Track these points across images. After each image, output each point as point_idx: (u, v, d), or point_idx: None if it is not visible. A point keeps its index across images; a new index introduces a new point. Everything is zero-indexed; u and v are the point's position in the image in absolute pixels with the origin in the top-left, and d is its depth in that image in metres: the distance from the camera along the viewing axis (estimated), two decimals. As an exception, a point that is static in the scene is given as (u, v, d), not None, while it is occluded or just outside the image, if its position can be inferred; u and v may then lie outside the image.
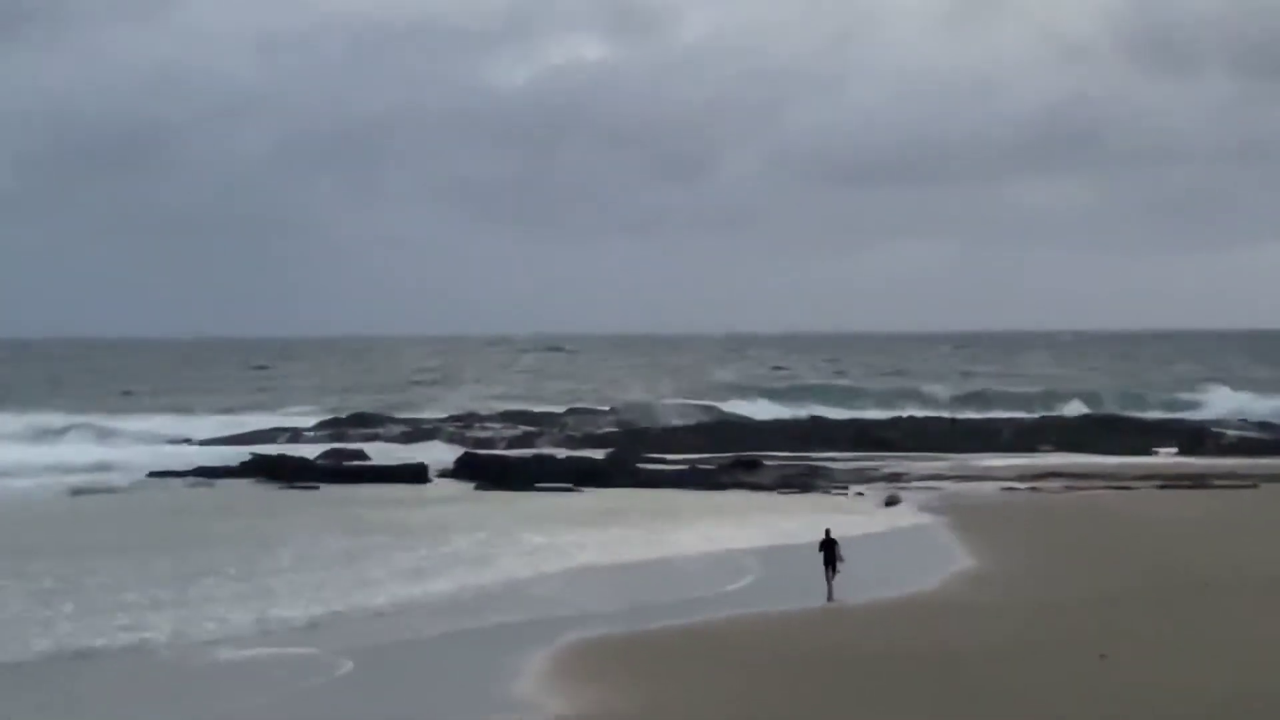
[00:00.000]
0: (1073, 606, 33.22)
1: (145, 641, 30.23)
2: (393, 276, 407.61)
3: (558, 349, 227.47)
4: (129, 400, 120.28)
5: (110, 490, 62.51)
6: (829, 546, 36.19)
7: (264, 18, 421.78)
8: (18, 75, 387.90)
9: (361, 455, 74.90)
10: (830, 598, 35.16)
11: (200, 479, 65.97)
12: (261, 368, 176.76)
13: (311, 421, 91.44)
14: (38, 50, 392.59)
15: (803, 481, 63.80)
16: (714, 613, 33.58)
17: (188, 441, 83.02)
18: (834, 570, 35.78)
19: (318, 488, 63.29)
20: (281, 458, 71.19)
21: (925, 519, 51.47)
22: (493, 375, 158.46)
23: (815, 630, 31.50)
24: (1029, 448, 79.50)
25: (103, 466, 68.90)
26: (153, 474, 67.21)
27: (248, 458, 70.56)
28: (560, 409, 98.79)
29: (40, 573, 38.66)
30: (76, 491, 61.32)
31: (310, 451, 75.31)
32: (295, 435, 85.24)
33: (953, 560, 41.61)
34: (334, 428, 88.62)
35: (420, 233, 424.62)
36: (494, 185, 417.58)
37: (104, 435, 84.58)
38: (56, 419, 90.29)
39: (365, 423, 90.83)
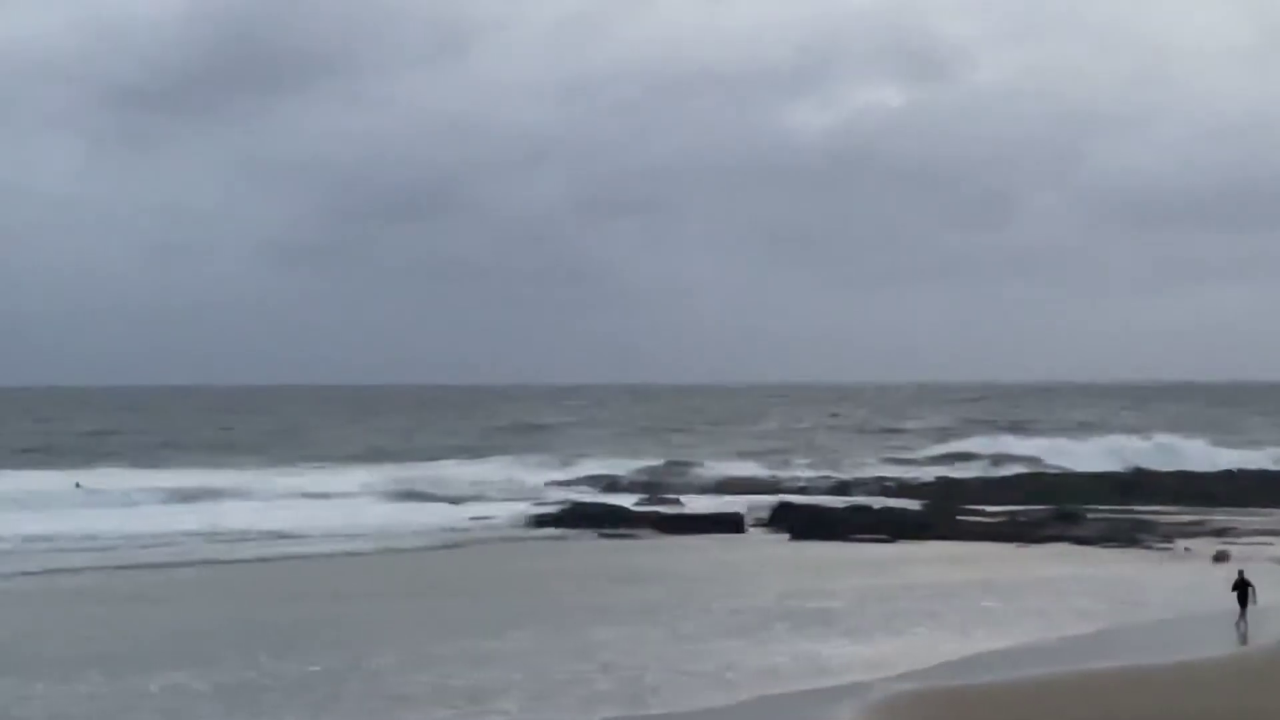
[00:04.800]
0: None
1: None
2: (687, 324, 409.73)
3: (874, 396, 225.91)
4: (444, 449, 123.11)
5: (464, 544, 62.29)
6: (1243, 588, 36.81)
7: (558, 65, 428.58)
8: (317, 127, 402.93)
9: (677, 504, 75.59)
10: (1244, 640, 35.20)
11: (518, 527, 67.06)
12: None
13: (626, 470, 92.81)
14: (336, 102, 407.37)
15: (1126, 535, 62.09)
16: (1047, 666, 32.47)
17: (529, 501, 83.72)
18: (1245, 612, 36.43)
19: (636, 536, 63.99)
20: (598, 506, 72.25)
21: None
22: (802, 422, 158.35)
23: (1167, 688, 30.04)
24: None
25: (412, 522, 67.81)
26: (473, 518, 68.95)
27: (566, 505, 71.85)
28: (873, 459, 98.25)
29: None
30: (389, 550, 59.52)
31: (626, 500, 76.31)
32: (611, 483, 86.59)
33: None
34: (649, 475, 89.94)
35: (715, 280, 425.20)
36: (791, 231, 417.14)
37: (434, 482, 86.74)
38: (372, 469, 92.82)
39: (679, 471, 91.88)
